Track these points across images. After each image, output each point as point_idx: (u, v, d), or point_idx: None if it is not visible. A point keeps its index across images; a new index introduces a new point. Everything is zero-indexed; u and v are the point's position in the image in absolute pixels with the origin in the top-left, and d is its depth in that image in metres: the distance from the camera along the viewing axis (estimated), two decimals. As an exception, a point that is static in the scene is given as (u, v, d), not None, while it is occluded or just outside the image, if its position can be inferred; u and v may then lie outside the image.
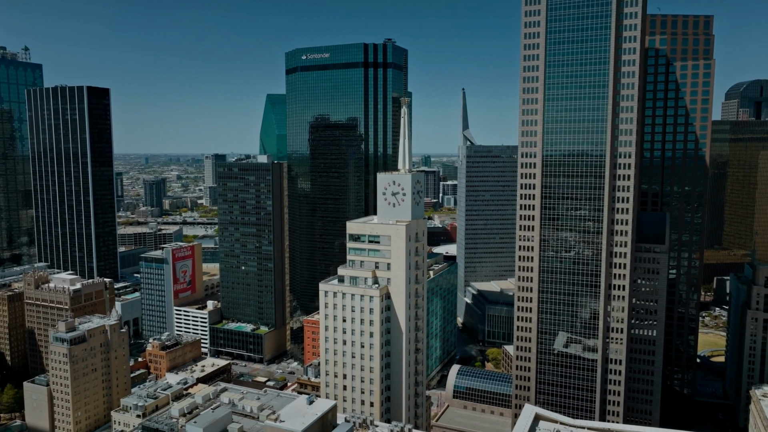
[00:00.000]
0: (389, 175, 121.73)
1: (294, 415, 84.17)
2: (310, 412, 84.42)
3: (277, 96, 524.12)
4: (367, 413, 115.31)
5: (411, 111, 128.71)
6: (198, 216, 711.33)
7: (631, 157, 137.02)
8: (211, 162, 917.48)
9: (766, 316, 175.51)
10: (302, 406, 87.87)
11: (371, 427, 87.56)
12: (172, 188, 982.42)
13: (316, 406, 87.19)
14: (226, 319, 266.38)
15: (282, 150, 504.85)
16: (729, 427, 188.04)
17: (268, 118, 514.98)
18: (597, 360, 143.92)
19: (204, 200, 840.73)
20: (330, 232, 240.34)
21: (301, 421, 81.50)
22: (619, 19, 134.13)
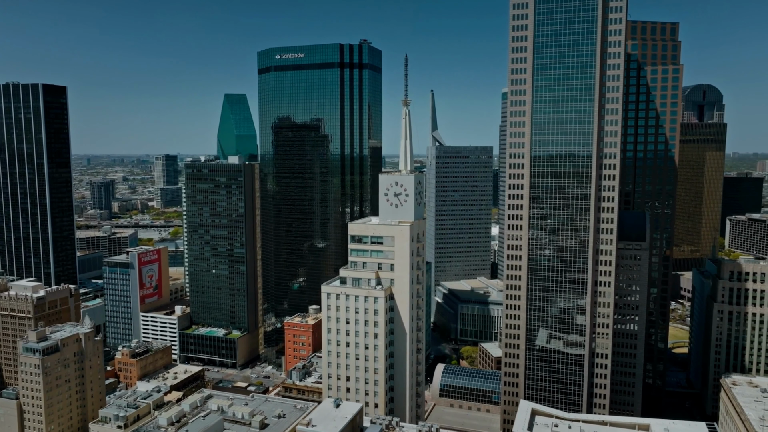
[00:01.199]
0: (391, 176, 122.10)
1: (324, 419, 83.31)
2: (339, 416, 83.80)
3: (235, 95, 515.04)
4: (372, 413, 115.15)
5: (410, 113, 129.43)
6: (150, 218, 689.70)
7: (615, 158, 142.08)
8: (161, 163, 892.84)
9: (731, 308, 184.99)
10: (329, 409, 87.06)
11: (398, 428, 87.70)
12: (119, 190, 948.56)
13: (344, 409, 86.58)
14: (195, 324, 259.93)
15: (242, 150, 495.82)
16: (696, 415, 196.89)
17: (226, 119, 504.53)
18: (584, 355, 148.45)
19: (155, 202, 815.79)
20: (305, 233, 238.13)
21: (333, 425, 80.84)
22: (604, 25, 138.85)
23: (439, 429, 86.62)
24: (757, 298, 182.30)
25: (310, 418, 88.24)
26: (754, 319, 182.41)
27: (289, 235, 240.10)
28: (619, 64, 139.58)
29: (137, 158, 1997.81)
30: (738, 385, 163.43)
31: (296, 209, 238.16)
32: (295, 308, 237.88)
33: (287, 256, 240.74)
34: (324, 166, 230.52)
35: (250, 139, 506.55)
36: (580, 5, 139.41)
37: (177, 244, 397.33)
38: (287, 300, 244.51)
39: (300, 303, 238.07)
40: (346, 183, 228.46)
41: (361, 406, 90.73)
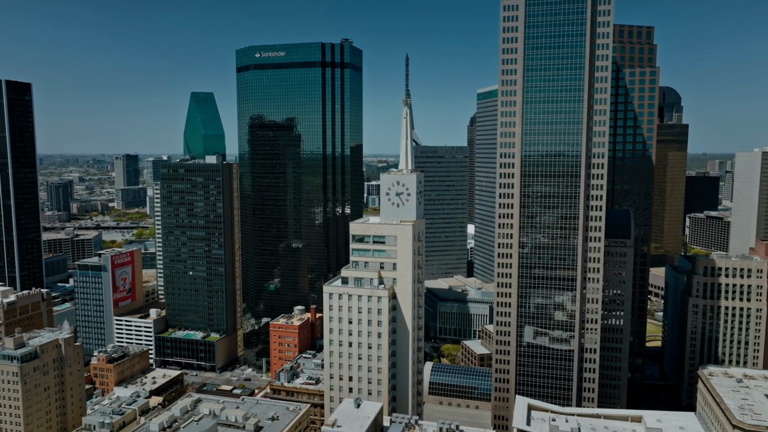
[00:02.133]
0: (393, 176, 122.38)
1: (348, 419, 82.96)
2: (362, 415, 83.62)
3: (202, 94, 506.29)
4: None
5: (411, 113, 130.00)
6: (112, 220, 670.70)
7: (603, 158, 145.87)
8: (121, 163, 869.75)
9: (705, 302, 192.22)
10: (351, 409, 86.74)
11: (417, 427, 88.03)
12: (76, 191, 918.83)
13: (365, 409, 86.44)
14: (172, 327, 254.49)
15: (210, 150, 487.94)
16: (672, 406, 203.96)
17: (193, 118, 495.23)
18: (573, 350, 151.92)
19: (116, 203, 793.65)
20: (285, 234, 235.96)
21: (358, 424, 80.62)
22: (593, 28, 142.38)
23: (459, 426, 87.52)
24: (729, 292, 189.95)
25: (335, 419, 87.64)
26: (727, 312, 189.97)
27: (270, 235, 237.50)
28: (606, 66, 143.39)
29: (92, 158, 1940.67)
30: (715, 376, 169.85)
31: (276, 209, 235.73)
32: (276, 309, 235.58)
33: (267, 257, 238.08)
34: (305, 165, 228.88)
35: (218, 138, 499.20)
36: (570, 9, 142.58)
37: (146, 245, 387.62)
38: (264, 301, 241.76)
39: (281, 304, 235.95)
40: (328, 183, 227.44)
41: (382, 406, 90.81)
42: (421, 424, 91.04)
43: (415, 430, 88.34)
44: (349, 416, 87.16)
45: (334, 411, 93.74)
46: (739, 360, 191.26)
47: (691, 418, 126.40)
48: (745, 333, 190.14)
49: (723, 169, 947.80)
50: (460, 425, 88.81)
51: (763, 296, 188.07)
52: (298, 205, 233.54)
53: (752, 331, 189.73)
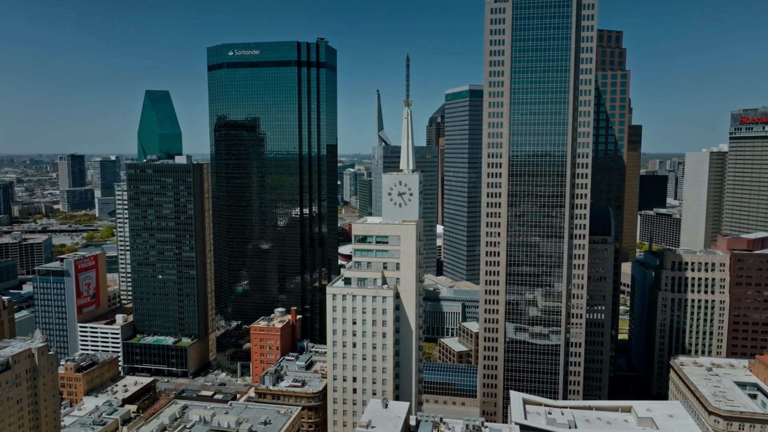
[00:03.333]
0: (395, 176, 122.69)
1: (380, 420, 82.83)
2: (392, 415, 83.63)
3: (157, 92, 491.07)
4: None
5: (411, 113, 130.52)
6: (58, 222, 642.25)
7: (588, 157, 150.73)
8: (66, 163, 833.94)
9: (673, 296, 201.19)
10: (380, 409, 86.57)
11: (442, 425, 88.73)
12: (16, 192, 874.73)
13: (393, 409, 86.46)
14: (140, 333, 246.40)
15: (166, 150, 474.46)
16: (642, 395, 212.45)
17: (148, 117, 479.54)
18: (560, 345, 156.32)
19: (61, 205, 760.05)
20: (261, 235, 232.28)
21: (391, 424, 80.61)
22: (578, 32, 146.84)
23: (484, 423, 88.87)
24: (695, 285, 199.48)
25: (368, 419, 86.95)
26: (693, 304, 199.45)
27: (243, 237, 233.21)
28: (591, 69, 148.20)
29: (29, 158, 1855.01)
30: (686, 366, 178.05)
31: (250, 210, 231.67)
32: (250, 311, 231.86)
33: (241, 259, 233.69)
34: (280, 165, 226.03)
35: (174, 138, 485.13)
36: (555, 13, 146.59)
37: (103, 248, 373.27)
38: (239, 304, 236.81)
39: (256, 306, 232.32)
40: (304, 182, 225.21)
41: (409, 405, 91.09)
42: (446, 422, 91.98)
43: (441, 428, 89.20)
44: (380, 416, 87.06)
45: (365, 412, 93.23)
46: (704, 350, 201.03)
47: (678, 407, 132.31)
48: (709, 324, 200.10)
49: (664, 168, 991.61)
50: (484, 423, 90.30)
51: (725, 288, 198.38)
52: (274, 206, 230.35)
53: (716, 321, 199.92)
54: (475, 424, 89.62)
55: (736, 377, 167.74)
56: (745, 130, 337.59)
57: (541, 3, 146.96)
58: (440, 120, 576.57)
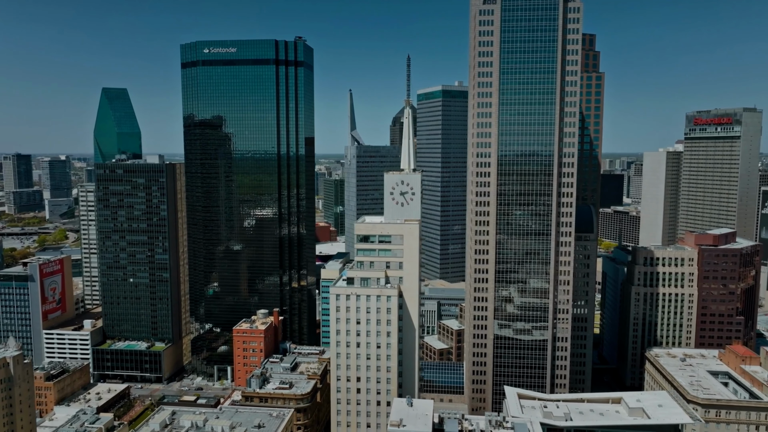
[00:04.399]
0: (397, 175, 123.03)
1: (410, 418, 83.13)
2: (420, 413, 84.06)
3: (114, 90, 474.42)
4: (383, 412, 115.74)
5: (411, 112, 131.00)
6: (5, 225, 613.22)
7: (573, 157, 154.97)
8: (11, 163, 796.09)
9: (646, 290, 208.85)
10: (406, 408, 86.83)
11: (465, 421, 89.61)
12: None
13: (419, 407, 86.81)
14: (110, 338, 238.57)
15: (124, 149, 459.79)
16: (616, 387, 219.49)
17: (105, 115, 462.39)
18: (547, 339, 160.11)
19: (7, 207, 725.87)
20: (238, 235, 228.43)
21: (422, 422, 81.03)
22: (564, 34, 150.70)
23: (506, 418, 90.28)
24: (666, 279, 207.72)
25: (400, 418, 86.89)
26: (665, 298, 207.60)
27: (219, 238, 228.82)
28: (576, 71, 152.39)
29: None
30: (661, 357, 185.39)
31: (227, 210, 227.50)
32: (227, 314, 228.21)
33: (217, 260, 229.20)
34: (258, 165, 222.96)
35: (133, 137, 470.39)
36: (542, 15, 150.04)
37: (62, 251, 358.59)
38: (215, 306, 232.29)
39: (234, 308, 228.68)
40: (282, 182, 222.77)
41: (432, 402, 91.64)
42: (468, 418, 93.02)
43: (464, 424, 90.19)
44: (408, 415, 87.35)
45: (392, 411, 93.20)
46: (674, 341, 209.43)
47: (665, 397, 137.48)
48: (679, 316, 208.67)
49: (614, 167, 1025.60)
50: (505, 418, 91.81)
51: (694, 282, 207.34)
52: (251, 206, 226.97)
53: (685, 314, 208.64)
54: (497, 419, 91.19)
55: (709, 367, 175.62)
56: (699, 131, 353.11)
57: (528, 6, 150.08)
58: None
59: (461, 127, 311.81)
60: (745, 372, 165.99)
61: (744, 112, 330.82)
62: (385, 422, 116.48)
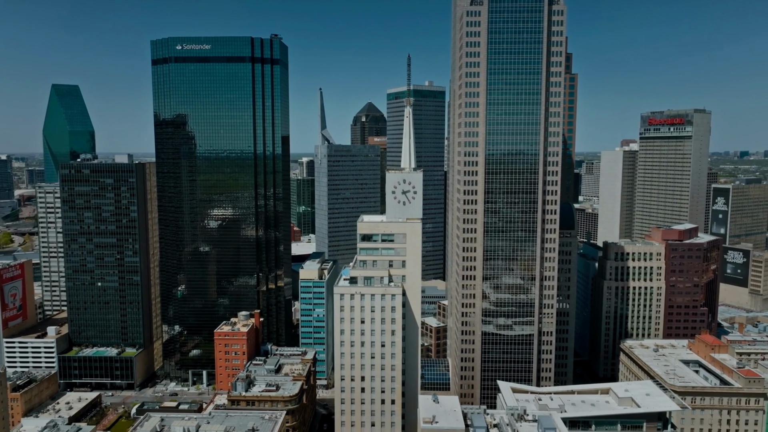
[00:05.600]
0: (399, 174, 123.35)
1: (441, 414, 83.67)
2: (448, 409, 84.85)
3: (65, 87, 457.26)
4: (388, 411, 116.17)
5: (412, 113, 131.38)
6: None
7: (558, 156, 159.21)
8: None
9: (617, 284, 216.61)
10: (434, 405, 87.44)
11: (487, 415, 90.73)
12: None
13: (445, 403, 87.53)
14: (77, 345, 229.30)
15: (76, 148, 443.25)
16: (589, 378, 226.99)
17: (55, 113, 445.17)
18: (534, 334, 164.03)
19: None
20: (214, 236, 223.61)
21: (453, 418, 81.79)
22: (549, 36, 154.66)
23: (527, 411, 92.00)
24: (636, 273, 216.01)
25: (432, 415, 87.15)
26: (635, 291, 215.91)
27: (193, 239, 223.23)
28: (560, 72, 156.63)
29: None
30: (635, 348, 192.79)
31: (201, 211, 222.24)
32: (203, 316, 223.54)
33: (191, 262, 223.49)
34: (234, 164, 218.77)
35: (85, 135, 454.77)
36: (528, 17, 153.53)
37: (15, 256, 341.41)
38: (187, 309, 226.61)
39: (212, 310, 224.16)
40: (259, 181, 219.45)
41: (457, 398, 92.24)
42: (489, 413, 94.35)
43: (488, 418, 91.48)
44: (436, 411, 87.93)
45: (421, 408, 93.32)
46: (643, 333, 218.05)
47: (651, 386, 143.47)
48: (648, 309, 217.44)
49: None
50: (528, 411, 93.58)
51: (662, 276, 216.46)
52: (226, 206, 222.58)
53: (654, 306, 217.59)
54: (518, 413, 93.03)
55: (680, 356, 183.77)
56: (653, 131, 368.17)
57: (514, 8, 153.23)
58: (365, 119, 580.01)
59: (433, 127, 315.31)
60: (714, 360, 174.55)
61: (695, 113, 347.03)
62: (389, 420, 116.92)
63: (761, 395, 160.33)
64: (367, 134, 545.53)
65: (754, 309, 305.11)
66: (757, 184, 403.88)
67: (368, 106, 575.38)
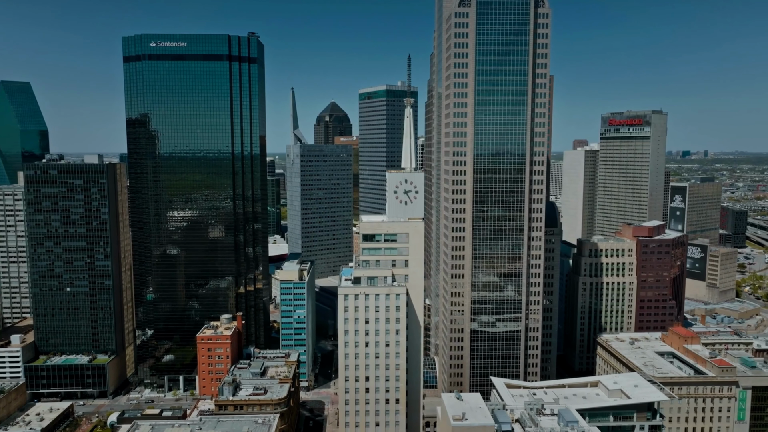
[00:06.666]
0: (401, 174, 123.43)
1: (469, 411, 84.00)
2: (474, 406, 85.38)
3: (15, 83, 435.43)
4: (392, 410, 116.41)
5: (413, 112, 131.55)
6: None
7: (543, 155, 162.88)
8: None
9: (591, 280, 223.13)
10: (458, 403, 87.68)
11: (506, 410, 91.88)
12: None
13: (469, 400, 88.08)
14: (44, 353, 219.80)
15: (29, 148, 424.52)
16: (565, 372, 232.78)
17: (4, 111, 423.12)
18: (521, 330, 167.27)
19: None
20: (191, 239, 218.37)
21: (481, 414, 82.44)
22: (535, 38, 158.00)
23: (544, 404, 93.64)
24: (609, 269, 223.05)
25: (462, 412, 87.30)
26: (608, 287, 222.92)
27: (169, 241, 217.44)
28: (546, 74, 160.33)
29: None
30: (611, 342, 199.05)
31: (177, 212, 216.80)
32: (180, 320, 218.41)
33: (167, 265, 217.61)
34: (211, 164, 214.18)
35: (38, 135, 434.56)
36: (515, 20, 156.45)
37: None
38: (162, 313, 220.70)
39: (189, 314, 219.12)
40: (237, 182, 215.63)
41: (480, 395, 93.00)
42: (509, 407, 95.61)
43: (508, 412, 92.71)
44: (463, 408, 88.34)
45: (446, 406, 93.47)
46: (616, 327, 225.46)
47: (638, 378, 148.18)
48: (621, 303, 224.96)
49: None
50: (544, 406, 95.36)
51: (633, 271, 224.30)
52: (203, 207, 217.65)
53: (626, 301, 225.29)
54: (537, 407, 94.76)
55: (655, 348, 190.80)
56: (613, 131, 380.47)
57: (502, 10, 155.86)
58: (329, 119, 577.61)
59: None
60: (688, 351, 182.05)
61: (653, 114, 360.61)
62: (394, 420, 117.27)
63: (733, 383, 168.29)
64: (332, 134, 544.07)
65: (711, 301, 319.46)
66: (710, 182, 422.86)
67: (332, 105, 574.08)
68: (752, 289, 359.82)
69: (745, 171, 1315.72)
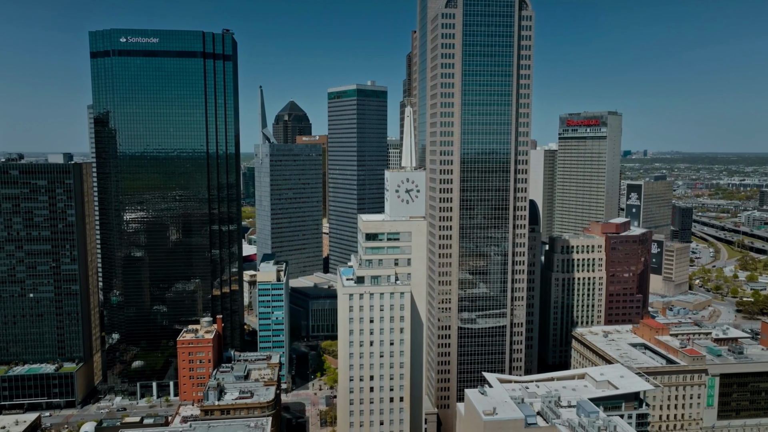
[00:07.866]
0: (402, 173, 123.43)
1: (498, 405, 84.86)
2: (500, 400, 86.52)
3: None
4: (396, 408, 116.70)
5: (413, 112, 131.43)
6: None
7: (527, 154, 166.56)
8: None
9: (564, 276, 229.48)
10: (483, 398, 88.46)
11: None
12: None
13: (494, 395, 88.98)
14: (5, 363, 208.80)
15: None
16: (540, 367, 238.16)
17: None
18: (506, 326, 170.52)
19: None
20: (165, 240, 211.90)
21: (509, 407, 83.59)
22: (519, 40, 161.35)
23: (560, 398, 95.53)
24: (580, 265, 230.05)
25: (492, 407, 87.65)
26: (579, 282, 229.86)
27: (140, 243, 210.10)
28: (529, 75, 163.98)
29: None
30: (586, 335, 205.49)
31: (148, 214, 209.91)
32: (154, 324, 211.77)
33: (137, 268, 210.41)
34: (185, 163, 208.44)
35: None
36: (500, 21, 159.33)
37: None
38: (133, 317, 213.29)
39: (161, 318, 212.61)
40: (212, 182, 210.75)
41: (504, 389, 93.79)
42: (527, 401, 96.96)
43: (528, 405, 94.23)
44: (491, 402, 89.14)
45: (473, 401, 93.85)
46: (587, 321, 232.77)
47: (622, 369, 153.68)
48: (591, 298, 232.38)
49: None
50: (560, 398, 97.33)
51: (603, 267, 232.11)
52: (176, 207, 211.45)
53: (596, 296, 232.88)
54: (554, 399, 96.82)
55: (627, 340, 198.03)
56: (571, 132, 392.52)
57: (487, 12, 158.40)
58: (288, 118, 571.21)
59: (375, 126, 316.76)
60: (660, 342, 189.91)
61: (609, 115, 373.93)
62: (398, 418, 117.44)
63: (703, 371, 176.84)
64: (291, 133, 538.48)
65: (668, 294, 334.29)
66: (662, 180, 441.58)
67: (290, 105, 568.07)
68: (702, 282, 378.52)
69: (682, 170, 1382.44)
